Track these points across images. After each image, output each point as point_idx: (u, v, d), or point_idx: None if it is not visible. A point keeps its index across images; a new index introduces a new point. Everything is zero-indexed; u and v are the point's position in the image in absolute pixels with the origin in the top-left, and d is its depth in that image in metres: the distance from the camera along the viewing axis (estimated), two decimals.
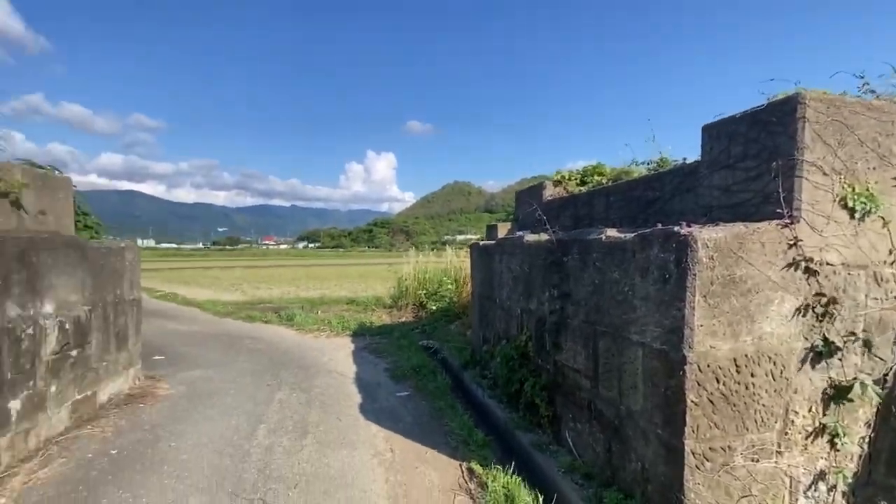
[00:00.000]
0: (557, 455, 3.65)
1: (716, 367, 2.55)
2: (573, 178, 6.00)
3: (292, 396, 5.25)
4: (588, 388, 3.49)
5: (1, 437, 3.31)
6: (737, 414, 2.59)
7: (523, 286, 4.72)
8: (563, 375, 3.87)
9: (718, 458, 2.58)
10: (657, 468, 2.73)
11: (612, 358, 3.20)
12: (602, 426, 3.31)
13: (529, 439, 3.96)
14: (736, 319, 2.57)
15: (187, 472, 3.44)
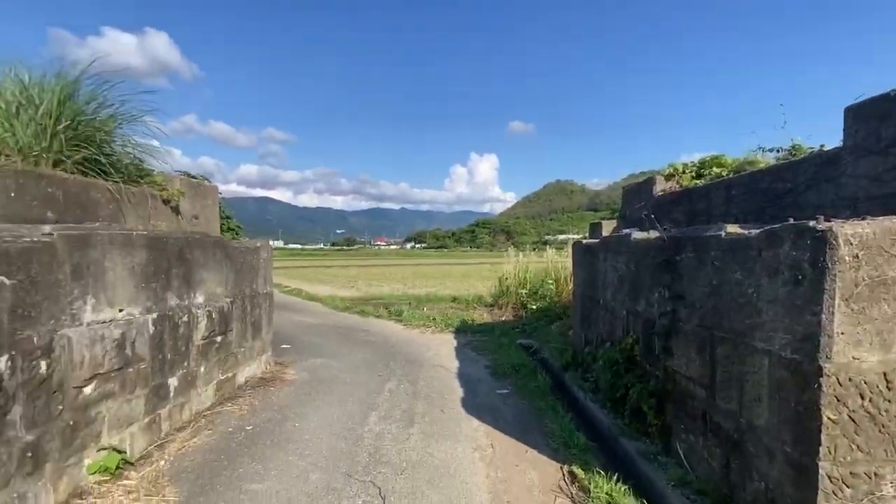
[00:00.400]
0: (667, 467, 3.44)
1: (860, 382, 2.25)
2: (688, 170, 5.59)
3: (400, 387, 5.54)
4: (703, 397, 3.24)
5: (162, 408, 3.93)
6: (887, 437, 2.26)
7: (629, 286, 4.51)
8: (673, 382, 3.64)
9: (862, 485, 2.27)
10: (784, 489, 2.47)
11: (731, 366, 2.94)
12: (719, 439, 3.06)
13: (636, 447, 3.77)
14: (888, 328, 2.24)
15: (308, 451, 3.81)
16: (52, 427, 2.83)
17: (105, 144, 4.38)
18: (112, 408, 3.33)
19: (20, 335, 2.61)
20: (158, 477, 3.29)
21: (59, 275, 2.87)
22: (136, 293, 3.55)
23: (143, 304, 3.64)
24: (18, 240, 2.60)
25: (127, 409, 3.48)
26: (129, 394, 3.50)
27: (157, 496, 3.06)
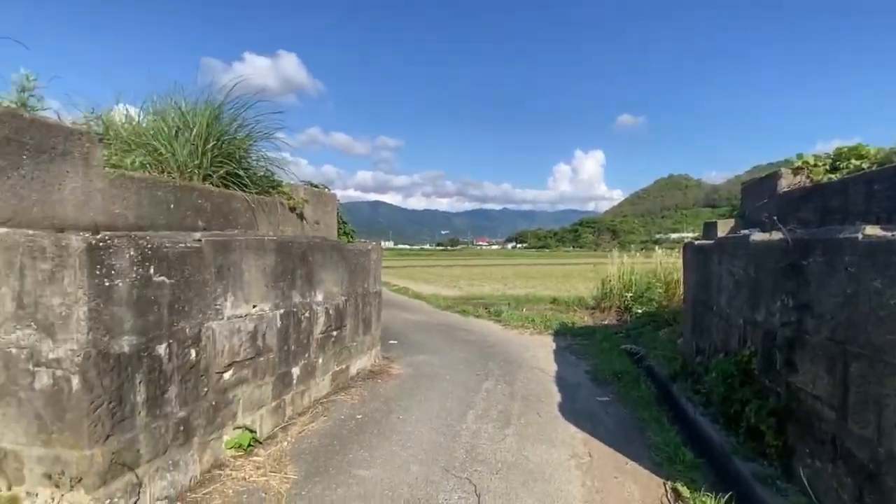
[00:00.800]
0: (787, 493, 3.13)
1: None
2: (821, 163, 4.98)
3: (497, 387, 5.64)
4: (832, 419, 2.91)
5: (286, 394, 4.42)
6: None
7: (748, 293, 4.15)
8: (797, 401, 3.30)
9: None
10: None
11: (868, 386, 2.61)
12: (851, 469, 2.73)
13: (751, 469, 3.48)
14: None
15: (410, 443, 4.05)
16: (199, 406, 3.35)
17: (243, 160, 5.04)
18: (245, 392, 3.83)
19: (176, 326, 3.13)
20: (282, 456, 3.73)
21: (206, 275, 3.38)
22: (266, 291, 4.05)
23: (272, 301, 4.14)
24: (176, 245, 3.12)
25: (257, 393, 3.98)
26: (260, 380, 4.00)
27: (280, 473, 3.47)
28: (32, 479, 2.61)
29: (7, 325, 2.58)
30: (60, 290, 2.51)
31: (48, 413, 2.57)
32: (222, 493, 3.16)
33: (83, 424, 2.55)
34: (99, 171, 3.35)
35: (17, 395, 2.60)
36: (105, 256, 2.62)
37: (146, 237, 2.93)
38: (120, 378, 2.72)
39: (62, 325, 2.52)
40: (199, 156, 4.57)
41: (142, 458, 2.86)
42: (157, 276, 2.96)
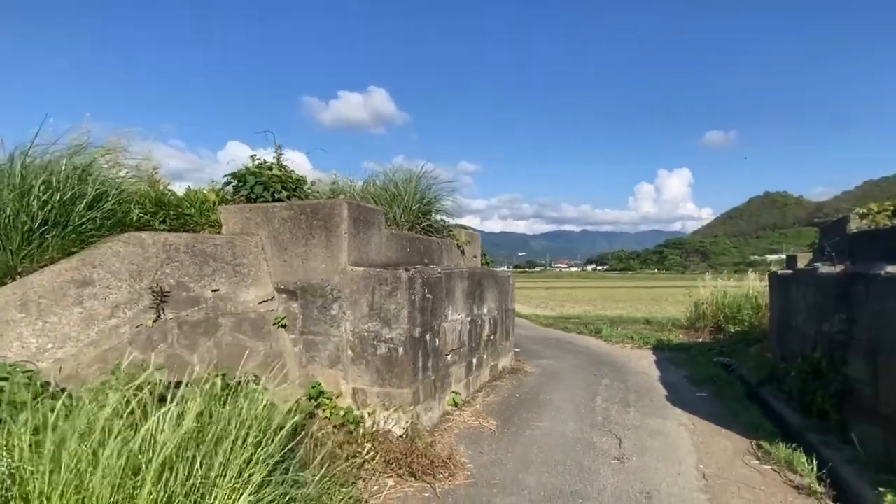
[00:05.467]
0: (842, 449, 4.57)
1: None
2: (884, 210, 6.25)
3: (613, 384, 7.31)
4: (870, 395, 4.36)
5: (471, 376, 6.44)
6: None
7: (816, 311, 5.59)
8: (849, 385, 4.74)
9: None
10: None
11: (889, 370, 4.09)
12: (881, 425, 4.18)
13: (818, 438, 4.90)
14: None
15: (560, 413, 5.87)
16: (439, 374, 5.43)
17: (431, 213, 7.26)
18: (455, 370, 5.90)
19: (433, 323, 5.24)
20: (481, 412, 5.72)
21: (442, 293, 5.51)
22: (463, 305, 6.14)
23: (465, 312, 6.22)
24: (433, 275, 5.27)
25: (460, 372, 6.04)
26: (461, 363, 6.06)
27: (485, 420, 5.45)
28: (373, 404, 4.78)
29: (364, 319, 4.81)
30: (395, 301, 4.70)
31: (383, 368, 4.75)
32: (455, 427, 5.19)
33: (404, 374, 4.69)
34: (383, 231, 5.62)
35: (366, 358, 4.81)
36: (413, 282, 4.79)
37: (421, 270, 5.09)
38: (415, 351, 4.86)
39: (395, 319, 4.70)
40: (409, 213, 6.83)
41: (420, 399, 4.97)
42: (427, 293, 5.10)
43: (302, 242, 5.13)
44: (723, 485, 3.94)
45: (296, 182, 5.88)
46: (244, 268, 5.06)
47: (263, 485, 2.42)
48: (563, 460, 4.34)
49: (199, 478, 2.17)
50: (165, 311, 4.50)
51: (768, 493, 3.84)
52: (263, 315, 5.05)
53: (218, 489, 2.24)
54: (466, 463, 4.17)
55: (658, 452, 4.62)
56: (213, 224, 5.41)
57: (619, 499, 3.64)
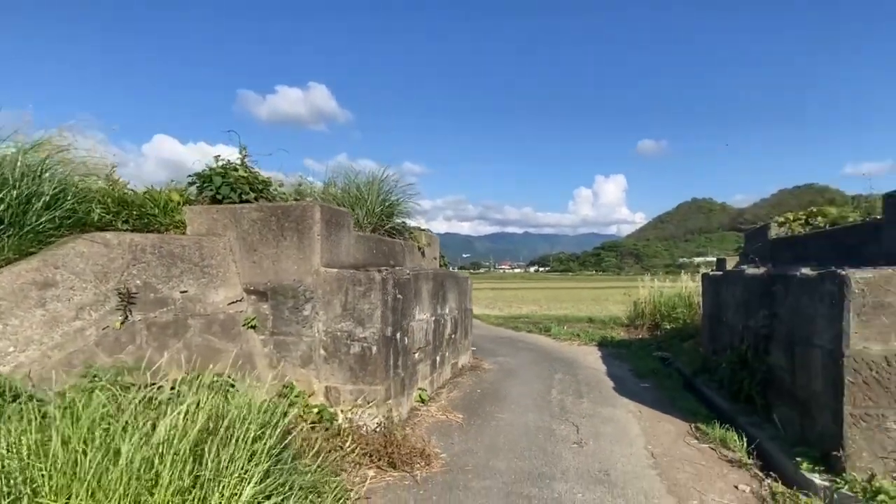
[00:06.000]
0: (766, 429, 5.21)
1: (869, 361, 4.01)
2: (797, 219, 7.12)
3: (565, 378, 7.80)
4: (788, 380, 5.02)
5: (434, 374, 6.67)
6: (887, 393, 3.98)
7: (743, 308, 6.28)
8: (772, 373, 5.41)
9: (872, 421, 4.00)
10: (827, 427, 4.25)
11: (803, 357, 4.74)
12: (796, 406, 4.82)
13: (745, 420, 5.55)
14: (884, 331, 3.99)
15: (520, 405, 6.23)
16: (407, 372, 5.62)
17: (394, 216, 7.43)
18: (421, 368, 6.11)
19: (402, 323, 5.43)
20: (446, 406, 5.97)
21: (411, 294, 5.71)
22: (428, 305, 6.37)
23: (430, 312, 6.44)
24: (403, 276, 5.46)
25: (425, 370, 6.26)
26: (425, 362, 6.28)
27: (451, 414, 5.71)
28: (346, 401, 4.91)
29: (337, 319, 4.93)
30: (368, 301, 4.86)
31: (357, 366, 4.89)
32: (424, 421, 5.42)
33: (377, 372, 4.86)
34: (352, 233, 5.74)
35: (339, 357, 4.93)
36: (386, 283, 4.97)
37: (393, 271, 5.28)
38: (387, 349, 5.03)
39: (368, 319, 4.86)
40: (372, 216, 6.97)
41: (392, 395, 5.14)
42: (398, 294, 5.29)
43: (273, 244, 5.18)
44: (669, 461, 4.42)
45: (263, 183, 5.89)
46: (212, 269, 5.04)
47: (267, 475, 2.54)
48: (528, 447, 4.68)
49: (213, 469, 2.28)
50: (133, 312, 4.43)
51: (707, 466, 4.35)
52: (233, 316, 5.04)
53: (227, 479, 2.36)
54: (440, 453, 4.40)
55: (611, 437, 5.06)
56: (178, 225, 5.33)
57: (582, 477, 4.01)
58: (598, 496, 3.68)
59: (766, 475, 4.24)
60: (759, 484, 4.06)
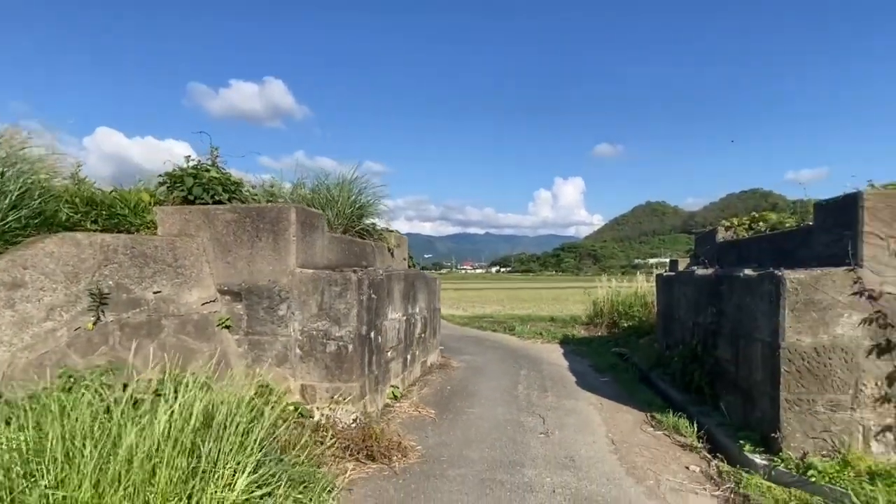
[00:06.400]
0: (714, 416, 5.67)
1: (801, 352, 4.48)
2: (742, 224, 7.70)
3: (531, 374, 8.13)
4: (733, 371, 5.48)
5: (405, 372, 6.84)
6: (817, 381, 4.45)
7: (694, 306, 6.77)
8: (719, 365, 5.88)
9: (804, 405, 4.47)
10: (766, 412, 4.71)
11: (745, 350, 5.20)
12: (740, 394, 5.29)
13: (697, 410, 6.00)
14: (814, 325, 4.47)
15: (489, 400, 6.49)
16: (380, 369, 5.78)
17: (365, 217, 7.55)
18: (393, 366, 6.27)
19: (374, 322, 5.58)
20: (418, 403, 6.15)
21: (384, 293, 5.86)
22: (400, 305, 6.53)
23: (401, 311, 6.61)
24: (377, 276, 5.61)
25: (397, 368, 6.42)
26: (397, 360, 6.44)
27: (424, 409, 5.90)
28: (322, 399, 5.02)
29: (313, 319, 5.03)
30: (345, 301, 4.99)
31: (333, 364, 5.01)
32: (398, 416, 5.58)
33: (353, 370, 4.99)
34: (325, 234, 5.84)
35: (315, 356, 5.04)
36: (362, 283, 5.11)
37: (368, 272, 5.42)
38: (363, 348, 5.18)
39: (345, 318, 4.99)
40: (344, 218, 7.08)
41: (367, 392, 5.29)
42: (373, 294, 5.44)
43: (247, 245, 5.22)
44: (628, 447, 4.77)
45: (235, 185, 5.90)
46: (186, 269, 5.04)
47: (259, 466, 2.67)
48: (499, 437, 4.93)
49: (209, 460, 2.39)
50: (105, 313, 4.40)
51: (661, 451, 4.73)
52: (207, 316, 5.06)
53: (221, 470, 2.47)
54: (416, 446, 4.58)
55: (575, 427, 5.39)
56: (149, 225, 5.30)
57: (549, 463, 4.29)
58: (565, 479, 3.96)
59: (714, 457, 4.65)
60: (707, 464, 4.46)
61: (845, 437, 4.42)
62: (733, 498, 3.76)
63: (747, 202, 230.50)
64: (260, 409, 3.05)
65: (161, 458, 2.25)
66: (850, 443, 4.38)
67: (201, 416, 2.57)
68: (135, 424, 2.26)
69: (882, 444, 4.43)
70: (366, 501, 3.45)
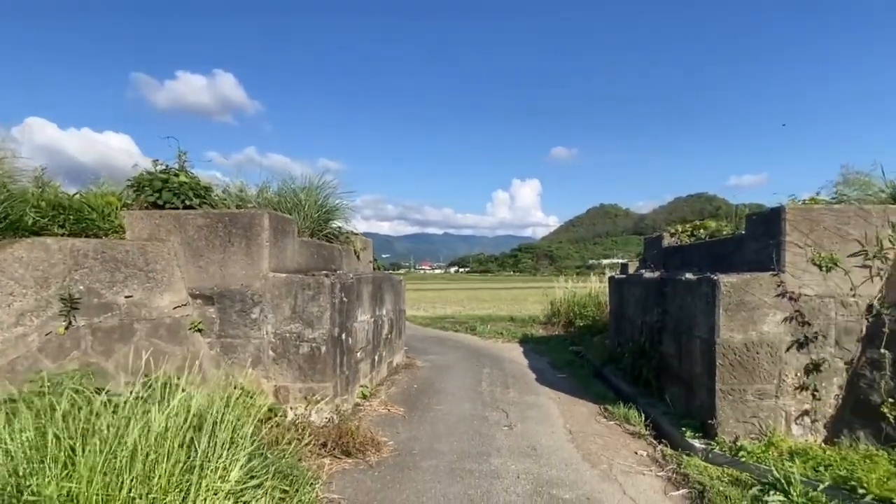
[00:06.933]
0: (659, 407, 6.21)
1: (734, 347, 5.04)
2: (685, 231, 8.37)
3: (493, 372, 8.51)
4: (677, 365, 6.03)
5: (374, 371, 7.05)
6: (747, 372, 5.02)
7: (642, 306, 7.34)
8: (664, 360, 6.43)
9: (737, 394, 5.03)
10: (704, 401, 5.25)
11: (687, 346, 5.75)
12: (682, 386, 5.84)
13: (645, 402, 6.54)
14: (744, 323, 5.04)
15: (455, 397, 6.81)
16: (351, 370, 5.98)
17: (331, 222, 7.70)
18: (362, 366, 6.48)
19: (345, 324, 5.78)
20: (387, 401, 6.39)
21: (354, 297, 6.07)
22: (369, 307, 6.75)
23: (370, 313, 6.82)
24: (347, 280, 5.81)
25: (366, 368, 6.63)
26: (366, 361, 6.65)
27: (393, 407, 6.14)
28: (295, 399, 5.18)
29: (286, 322, 5.19)
30: (318, 304, 5.17)
31: (306, 366, 5.18)
32: (369, 415, 5.80)
33: (326, 370, 5.18)
34: (296, 239, 5.98)
35: (288, 357, 5.19)
36: (334, 287, 5.31)
37: (339, 275, 5.62)
38: (335, 349, 5.37)
39: (318, 321, 5.17)
40: (311, 222, 7.21)
41: (339, 392, 5.49)
42: (344, 297, 5.64)
43: (220, 249, 5.31)
44: (583, 436, 5.21)
45: (204, 189, 5.96)
46: (157, 273, 5.09)
47: (249, 459, 2.86)
48: (466, 431, 5.26)
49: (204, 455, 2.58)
50: (77, 318, 4.41)
51: (613, 438, 5.19)
52: (179, 320, 5.12)
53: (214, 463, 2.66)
54: (388, 441, 4.83)
55: (536, 419, 5.79)
56: (117, 229, 5.29)
57: (514, 453, 4.65)
58: (528, 466, 4.33)
59: (659, 442, 5.16)
60: (653, 449, 4.94)
61: (770, 422, 5.01)
62: (675, 477, 4.21)
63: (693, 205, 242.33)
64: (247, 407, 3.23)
65: (161, 453, 2.42)
66: (775, 426, 4.97)
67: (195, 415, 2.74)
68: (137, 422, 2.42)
69: (801, 426, 5.04)
70: (345, 491, 3.68)
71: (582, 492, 3.90)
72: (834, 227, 5.05)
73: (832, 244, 5.05)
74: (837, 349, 5.02)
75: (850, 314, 5.02)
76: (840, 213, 5.07)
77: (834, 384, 5.03)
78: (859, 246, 5.02)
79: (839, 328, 5.03)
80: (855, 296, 5.02)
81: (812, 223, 5.06)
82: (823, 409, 5.02)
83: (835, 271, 5.02)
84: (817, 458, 4.31)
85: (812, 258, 5.04)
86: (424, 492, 3.80)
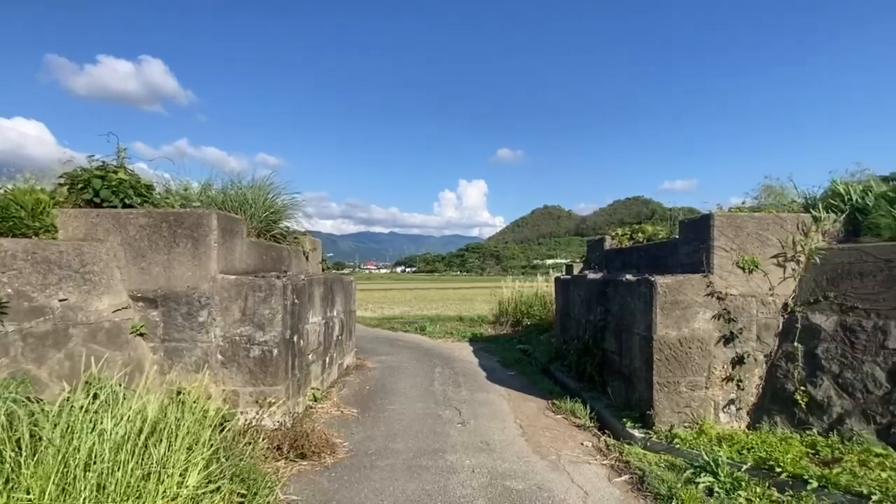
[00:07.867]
0: (602, 400, 6.57)
1: (669, 343, 5.43)
2: (625, 234, 8.88)
3: (444, 371, 8.64)
4: (618, 360, 6.41)
5: (325, 374, 6.99)
6: (680, 366, 5.44)
7: (586, 305, 7.72)
8: (606, 356, 6.81)
9: (671, 386, 5.43)
10: (643, 394, 5.63)
11: (627, 342, 6.12)
12: (623, 381, 6.22)
13: (589, 395, 6.89)
14: (678, 320, 5.45)
15: (408, 397, 6.88)
16: (302, 372, 5.91)
17: (280, 221, 7.54)
18: (313, 368, 6.41)
19: (297, 326, 5.71)
20: (338, 403, 6.36)
21: (306, 298, 6.00)
22: (320, 308, 6.68)
23: (321, 315, 6.76)
24: (299, 282, 5.74)
25: (317, 370, 6.56)
26: (317, 363, 6.59)
27: (345, 409, 6.13)
28: (246, 403, 5.07)
29: (236, 324, 5.06)
30: (269, 307, 5.09)
31: (257, 369, 5.08)
32: (321, 417, 5.76)
33: (278, 374, 5.11)
34: (244, 239, 5.84)
35: (238, 361, 5.07)
36: (286, 289, 5.23)
37: (291, 277, 5.54)
38: (287, 352, 5.30)
39: (269, 323, 5.08)
40: (258, 221, 7.04)
41: (291, 395, 5.41)
42: (296, 299, 5.57)
43: (164, 250, 5.11)
44: (533, 430, 5.44)
45: (146, 187, 5.69)
46: (95, 276, 4.83)
47: (208, 465, 2.82)
48: (421, 429, 5.35)
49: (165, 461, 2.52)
50: (5, 322, 4.10)
51: (561, 430, 5.47)
52: (119, 324, 4.88)
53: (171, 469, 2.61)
54: (343, 443, 4.83)
55: (487, 416, 5.97)
56: (48, 229, 4.97)
57: (468, 449, 4.79)
58: (482, 460, 4.48)
59: (603, 433, 5.48)
60: (598, 440, 5.25)
61: (701, 411, 5.44)
62: (617, 465, 4.51)
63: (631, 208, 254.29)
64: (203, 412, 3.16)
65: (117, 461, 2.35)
66: (705, 415, 5.41)
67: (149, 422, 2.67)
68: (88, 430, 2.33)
69: (727, 414, 5.52)
70: (303, 493, 3.67)
71: (533, 482, 4.10)
72: (755, 233, 5.57)
73: (754, 248, 5.56)
74: (758, 343, 5.54)
75: (769, 312, 5.55)
76: (761, 221, 5.59)
77: (755, 375, 5.54)
78: (777, 250, 5.57)
79: (760, 324, 5.54)
80: (773, 295, 5.55)
81: (737, 229, 5.55)
82: (746, 398, 5.52)
83: (756, 273, 5.53)
84: (741, 442, 4.75)
85: (737, 261, 5.52)
86: (382, 490, 3.86)
